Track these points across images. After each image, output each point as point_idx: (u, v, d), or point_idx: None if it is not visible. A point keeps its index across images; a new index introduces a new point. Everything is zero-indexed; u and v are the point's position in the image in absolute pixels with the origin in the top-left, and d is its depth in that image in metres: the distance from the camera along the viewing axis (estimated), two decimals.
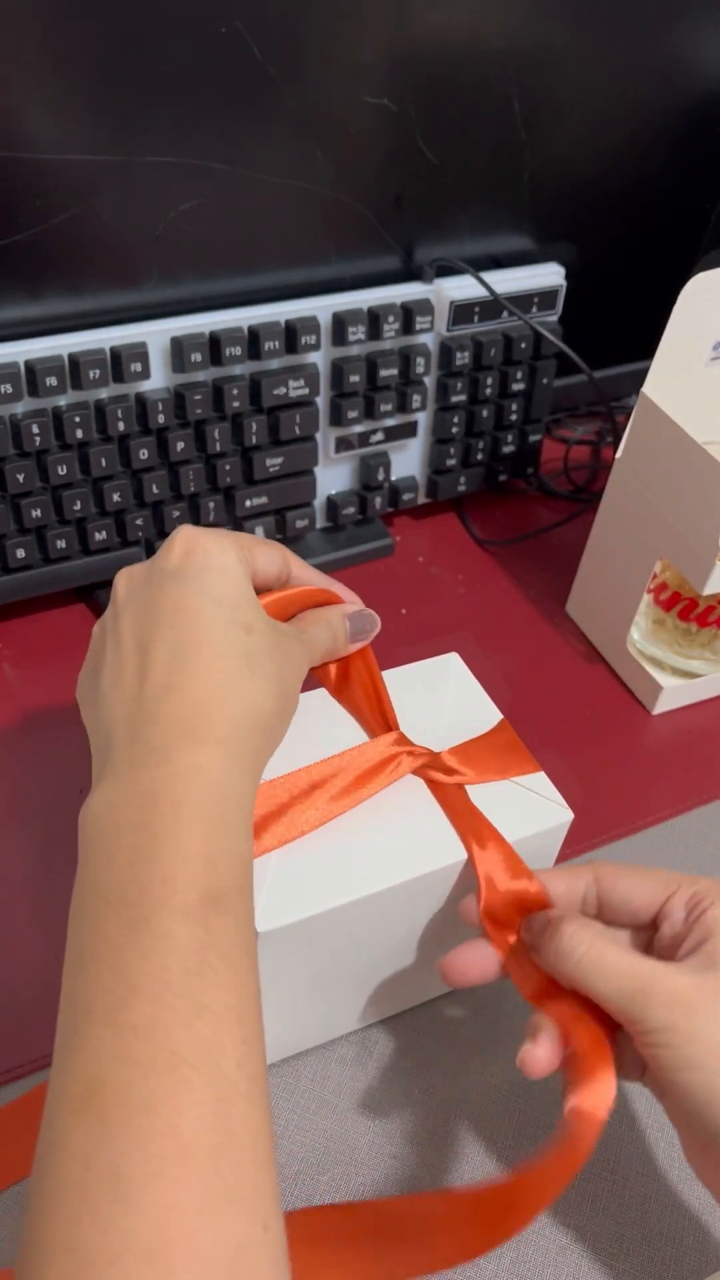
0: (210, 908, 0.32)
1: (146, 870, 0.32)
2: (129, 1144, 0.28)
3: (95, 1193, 0.27)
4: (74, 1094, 0.29)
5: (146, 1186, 0.27)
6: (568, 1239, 0.41)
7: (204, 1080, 0.29)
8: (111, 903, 0.32)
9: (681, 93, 0.66)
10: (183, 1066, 0.29)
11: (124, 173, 0.52)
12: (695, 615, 0.59)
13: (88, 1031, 0.30)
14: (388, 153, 0.59)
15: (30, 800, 0.53)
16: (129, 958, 0.31)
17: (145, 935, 0.31)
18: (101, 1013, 0.30)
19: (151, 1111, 0.28)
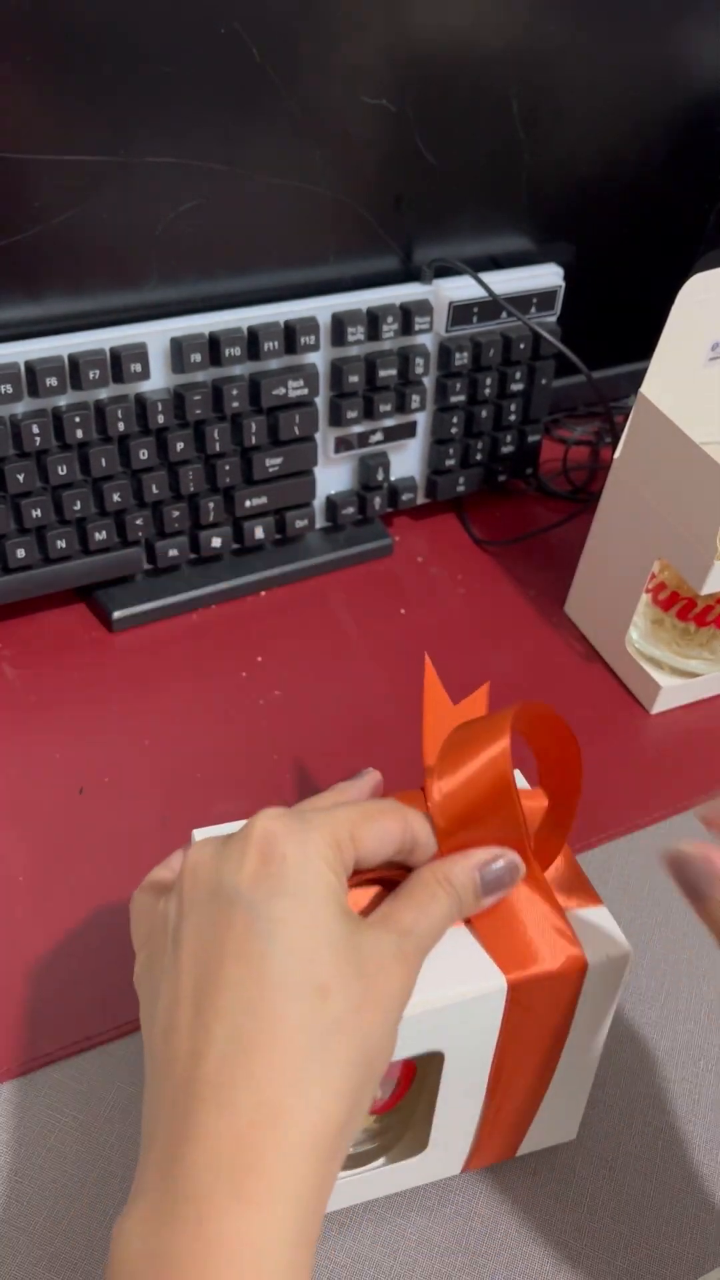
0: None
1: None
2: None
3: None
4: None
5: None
6: (567, 1237, 0.41)
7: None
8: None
9: (681, 93, 0.66)
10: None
11: (123, 173, 0.53)
12: (694, 615, 0.59)
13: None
14: (387, 153, 0.59)
15: (30, 800, 0.53)
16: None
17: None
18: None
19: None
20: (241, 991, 0.30)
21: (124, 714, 0.58)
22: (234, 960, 0.30)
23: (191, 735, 0.57)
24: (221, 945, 0.31)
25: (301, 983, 0.30)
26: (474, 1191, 0.42)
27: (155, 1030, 0.32)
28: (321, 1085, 0.29)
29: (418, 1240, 0.40)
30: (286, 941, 0.30)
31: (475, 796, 0.36)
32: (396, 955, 0.32)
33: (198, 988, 0.31)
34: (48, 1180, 0.41)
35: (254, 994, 0.30)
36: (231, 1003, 0.30)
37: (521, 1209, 0.42)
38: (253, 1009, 0.30)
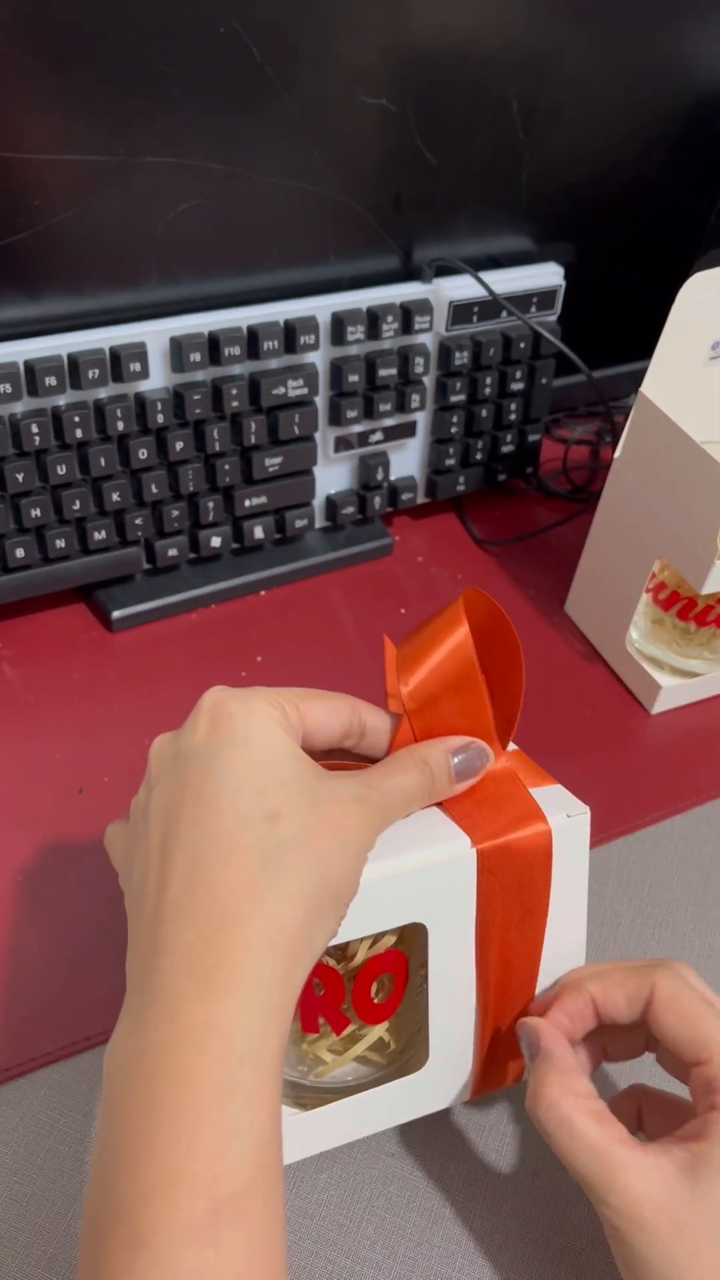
0: (220, 1221, 0.28)
1: (148, 1167, 0.29)
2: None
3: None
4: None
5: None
6: (567, 1238, 0.41)
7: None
8: (113, 1207, 0.29)
9: (681, 93, 0.66)
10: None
11: (123, 173, 0.53)
12: (694, 614, 0.59)
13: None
14: (386, 153, 0.59)
15: (30, 800, 0.53)
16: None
17: (144, 1259, 0.28)
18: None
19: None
20: (198, 828, 0.33)
21: (124, 714, 0.58)
22: (191, 805, 0.33)
23: None
24: (180, 796, 0.34)
25: (252, 810, 0.33)
26: (474, 1192, 0.42)
27: (132, 889, 0.34)
28: (275, 892, 0.32)
29: (418, 1240, 0.40)
30: (236, 780, 0.33)
31: (442, 682, 0.38)
32: (356, 798, 0.35)
33: (164, 837, 0.33)
34: (47, 1181, 0.41)
35: (210, 826, 0.33)
36: (191, 839, 0.33)
37: (521, 1208, 0.41)
38: (209, 837, 0.33)
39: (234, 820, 0.33)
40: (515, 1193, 0.42)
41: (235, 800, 0.33)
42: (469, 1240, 0.41)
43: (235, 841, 0.32)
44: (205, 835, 0.33)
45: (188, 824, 0.33)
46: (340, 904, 0.34)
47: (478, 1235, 0.41)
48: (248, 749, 0.34)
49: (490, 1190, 0.42)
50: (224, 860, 0.32)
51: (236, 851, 0.32)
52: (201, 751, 0.34)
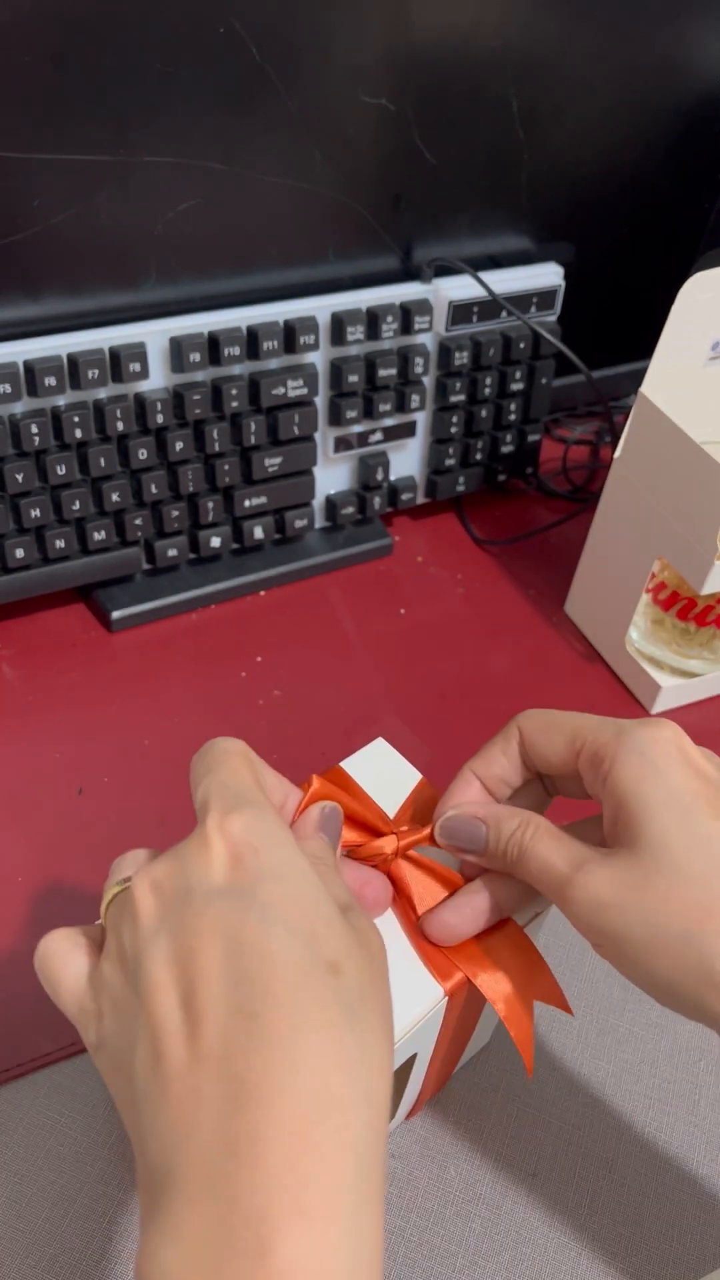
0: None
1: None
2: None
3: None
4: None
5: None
6: (567, 1238, 0.41)
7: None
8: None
9: (680, 93, 0.66)
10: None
11: (122, 173, 0.52)
12: (694, 615, 0.59)
13: None
14: (386, 153, 0.59)
15: (30, 800, 0.53)
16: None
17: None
18: None
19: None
20: (251, 984, 0.26)
21: (123, 714, 0.58)
22: (229, 951, 0.26)
23: (191, 735, 0.57)
24: (208, 943, 0.27)
25: (313, 961, 0.27)
26: (473, 1192, 0.42)
27: (138, 1072, 0.27)
28: (367, 1065, 0.26)
29: (417, 1241, 0.40)
30: (285, 922, 0.27)
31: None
32: (376, 932, 0.32)
33: (192, 996, 0.26)
34: (47, 1182, 0.41)
35: (267, 980, 0.26)
36: (241, 998, 0.26)
37: (521, 1209, 0.41)
38: (268, 995, 0.26)
39: (296, 973, 0.26)
40: (515, 1193, 0.42)
41: (289, 947, 0.27)
42: (469, 1240, 0.41)
43: (307, 999, 0.26)
44: (264, 993, 0.26)
45: (233, 979, 0.26)
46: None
47: (478, 1235, 0.41)
48: (284, 885, 0.28)
49: (490, 1190, 0.42)
50: (295, 1023, 0.26)
51: (313, 1012, 0.26)
52: (230, 890, 0.28)
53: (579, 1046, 0.46)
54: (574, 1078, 0.45)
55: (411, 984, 0.35)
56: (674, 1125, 0.44)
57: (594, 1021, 0.47)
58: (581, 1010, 0.48)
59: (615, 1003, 0.48)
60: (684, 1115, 0.45)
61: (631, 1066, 0.46)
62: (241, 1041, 0.25)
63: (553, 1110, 0.44)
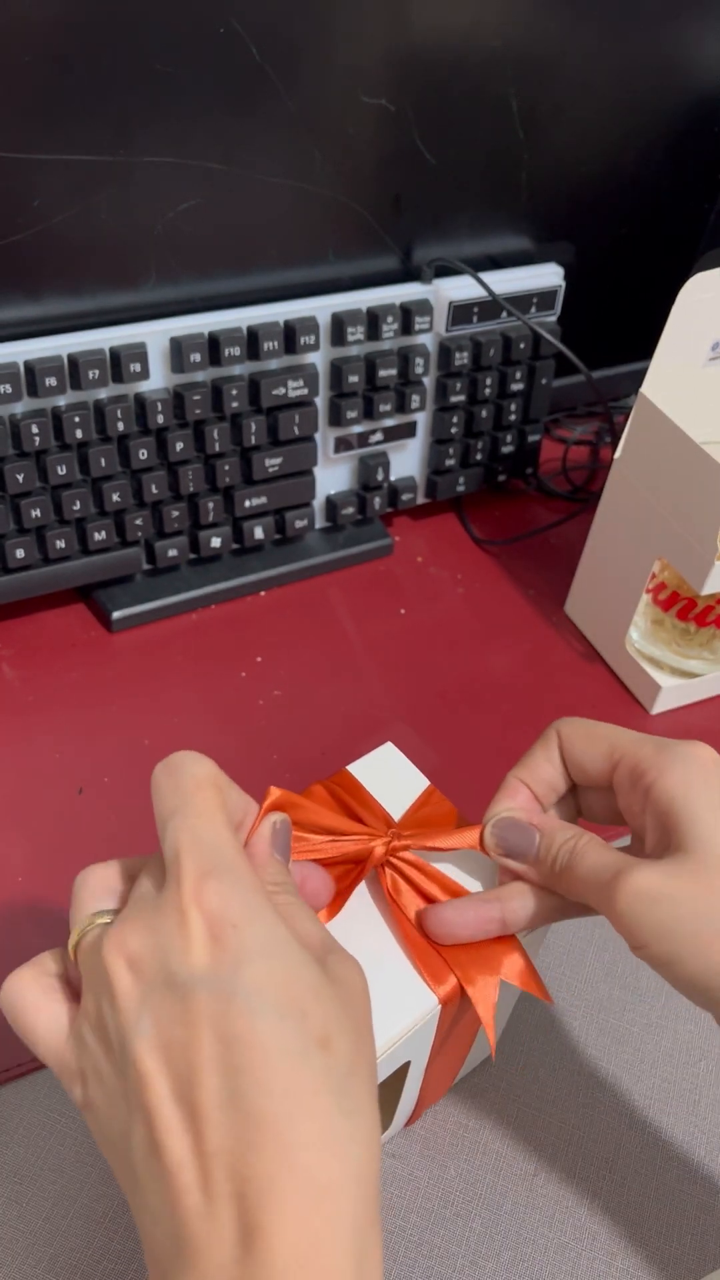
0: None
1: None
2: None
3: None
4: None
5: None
6: (567, 1238, 0.41)
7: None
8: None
9: (680, 93, 0.66)
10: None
11: (122, 173, 0.53)
12: (694, 615, 0.59)
13: None
14: (386, 153, 0.59)
15: (30, 800, 0.53)
16: None
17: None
18: None
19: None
20: (242, 1076, 0.26)
21: (123, 714, 0.58)
22: (221, 1047, 0.26)
23: (191, 735, 0.57)
24: (197, 1037, 0.27)
25: (303, 1042, 0.27)
26: (474, 1193, 0.42)
27: (136, 1154, 0.27)
28: (357, 1143, 0.27)
29: (417, 1241, 0.40)
30: (273, 1006, 0.27)
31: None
32: (353, 966, 0.31)
33: (181, 1087, 0.27)
34: (47, 1182, 0.41)
35: (259, 1072, 0.26)
36: (232, 1091, 0.26)
37: (521, 1209, 0.41)
38: (264, 1087, 0.26)
39: (286, 1060, 0.26)
40: (515, 1193, 0.42)
41: (280, 1032, 0.27)
42: (469, 1240, 0.41)
43: (298, 1087, 0.26)
44: (255, 1085, 0.26)
45: (225, 1073, 0.26)
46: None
47: (478, 1235, 0.41)
48: (267, 963, 0.28)
49: (490, 1190, 0.42)
50: (294, 1115, 0.26)
51: (304, 1100, 0.26)
52: (212, 978, 0.27)
53: (579, 1046, 0.46)
54: (574, 1078, 0.45)
55: (405, 991, 0.35)
56: (674, 1125, 0.44)
57: (594, 1021, 0.47)
58: (581, 1010, 0.48)
59: (615, 1003, 0.48)
60: (684, 1115, 0.45)
61: (631, 1066, 0.46)
62: (241, 1138, 0.26)
63: (553, 1110, 0.44)
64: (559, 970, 0.49)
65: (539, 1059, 0.46)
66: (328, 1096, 0.27)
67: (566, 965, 0.49)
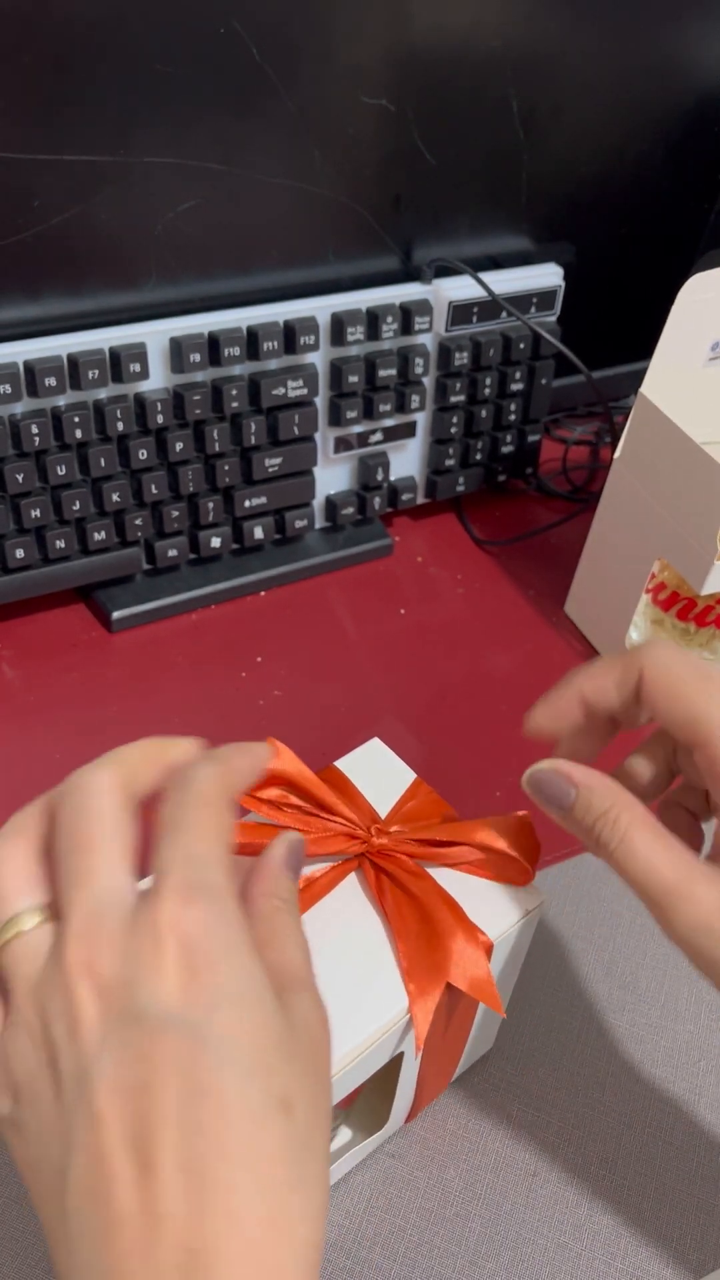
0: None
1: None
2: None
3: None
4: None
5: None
6: (567, 1237, 0.41)
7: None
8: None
9: (680, 93, 0.66)
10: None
11: (123, 173, 0.53)
12: (694, 615, 0.59)
13: None
14: (386, 153, 0.59)
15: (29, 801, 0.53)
16: None
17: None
18: None
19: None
20: (201, 1133, 0.24)
21: (123, 714, 0.58)
22: (183, 1095, 0.25)
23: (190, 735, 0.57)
24: (162, 1081, 0.25)
25: (266, 1103, 0.25)
26: (474, 1193, 0.42)
27: (72, 1193, 0.25)
28: (307, 1221, 0.25)
29: (418, 1242, 0.40)
30: (242, 1060, 0.26)
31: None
32: (318, 1010, 0.29)
33: (137, 1136, 0.25)
34: None
35: (220, 1134, 0.25)
36: (192, 1147, 0.24)
37: (521, 1209, 0.41)
38: (223, 1152, 0.24)
39: (247, 1124, 0.25)
40: (515, 1193, 0.42)
41: (245, 1092, 0.25)
42: (469, 1240, 0.41)
43: (257, 1156, 0.25)
44: (214, 1148, 0.25)
45: (185, 1129, 0.25)
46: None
47: (478, 1235, 0.41)
48: (243, 1009, 0.26)
49: (490, 1190, 0.42)
50: (248, 1190, 0.25)
51: (260, 1169, 0.25)
52: (183, 1017, 0.26)
53: (579, 1046, 0.46)
54: (574, 1078, 0.45)
55: (393, 983, 0.35)
56: (674, 1125, 0.44)
57: (594, 1021, 0.47)
58: (581, 1010, 0.48)
59: (615, 1003, 0.48)
60: (684, 1115, 0.45)
61: (631, 1066, 0.46)
62: (193, 1205, 0.24)
63: (553, 1110, 0.44)
64: (559, 970, 0.49)
65: (539, 1059, 0.46)
66: (282, 1167, 0.25)
67: (565, 965, 0.49)
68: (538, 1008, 0.47)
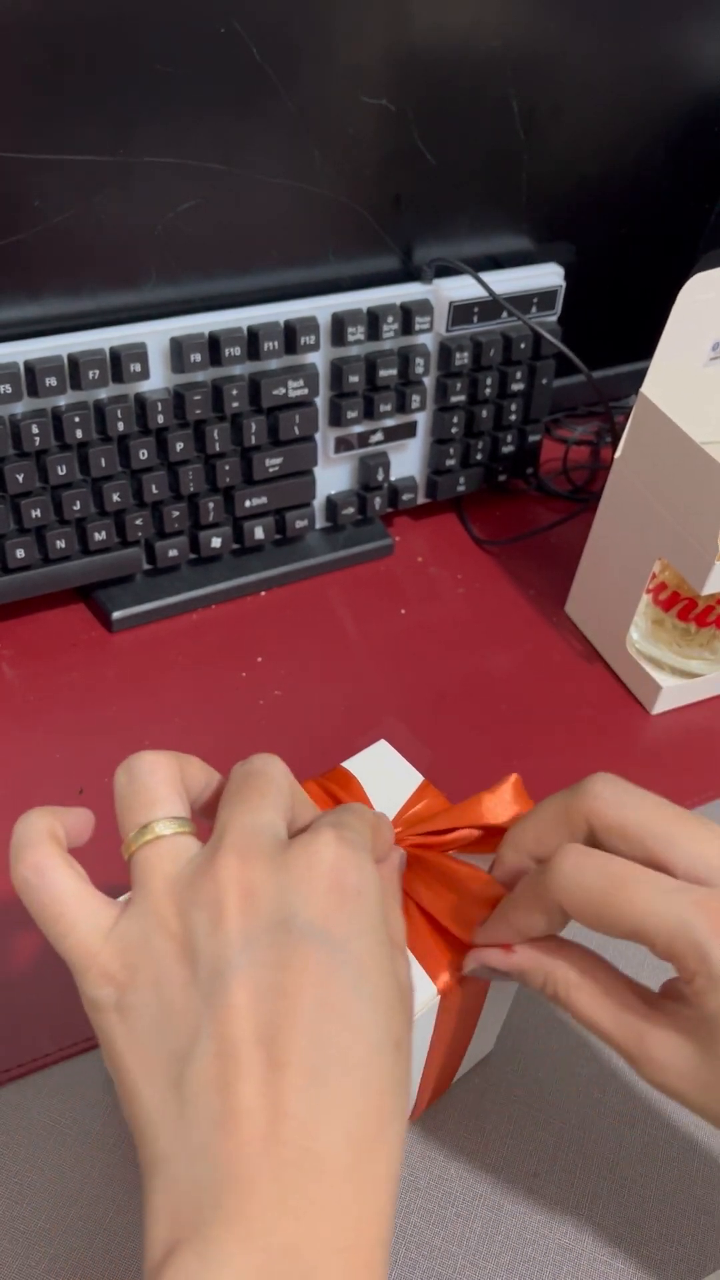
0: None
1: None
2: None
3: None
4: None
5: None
6: (568, 1239, 0.41)
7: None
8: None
9: (681, 93, 0.66)
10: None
11: (123, 173, 0.53)
12: (694, 615, 0.59)
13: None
14: (386, 153, 0.59)
15: (30, 800, 0.53)
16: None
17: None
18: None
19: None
20: (331, 1044, 0.26)
21: (124, 714, 0.58)
22: (318, 1006, 0.26)
23: (191, 735, 0.57)
24: (299, 987, 0.26)
25: (386, 1036, 0.27)
26: (474, 1193, 0.42)
27: (193, 1079, 0.26)
28: (396, 1152, 0.27)
29: (418, 1241, 0.40)
30: (372, 989, 0.28)
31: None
32: (408, 973, 0.31)
33: (269, 1034, 0.26)
34: (47, 1182, 0.41)
35: (345, 1047, 0.26)
36: (321, 1056, 0.26)
37: (522, 1210, 0.41)
38: (345, 1069, 0.26)
39: (371, 1051, 0.27)
40: (516, 1193, 0.42)
41: (373, 1020, 0.27)
42: (469, 1240, 0.41)
43: (375, 1080, 0.27)
44: (341, 1066, 0.26)
45: (315, 1038, 0.26)
46: None
47: (478, 1236, 0.41)
48: (377, 945, 0.28)
49: (491, 1191, 0.42)
50: (362, 1104, 0.26)
51: (376, 1094, 0.27)
52: (328, 934, 0.27)
53: (579, 1046, 0.46)
54: (574, 1078, 0.45)
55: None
56: (674, 1126, 0.44)
57: None
58: None
59: None
60: (685, 1116, 0.45)
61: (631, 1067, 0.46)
62: (316, 1111, 0.26)
63: (553, 1110, 0.44)
64: None
65: (539, 1059, 0.46)
66: (389, 1098, 0.27)
67: None
68: (538, 1009, 0.47)
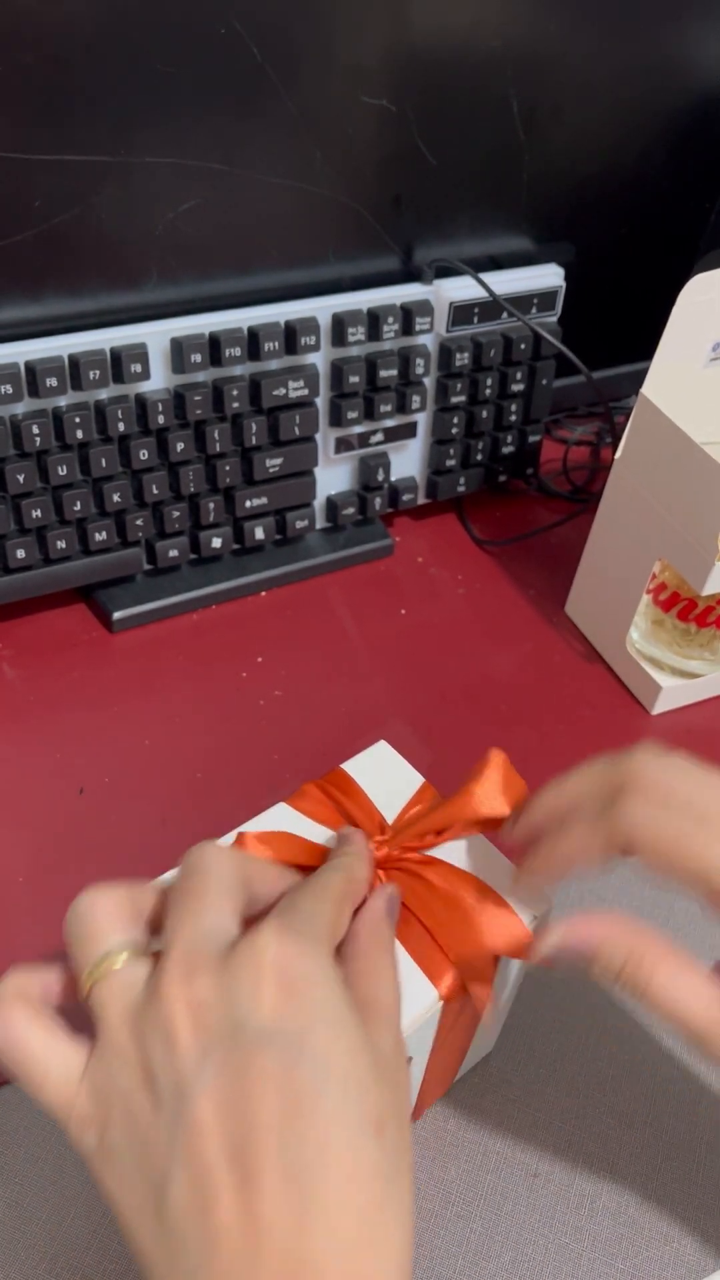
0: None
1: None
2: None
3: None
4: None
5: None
6: (567, 1238, 0.41)
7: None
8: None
9: (681, 93, 0.66)
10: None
11: (123, 173, 0.53)
12: (694, 615, 0.59)
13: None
14: (387, 153, 0.59)
15: (30, 800, 0.53)
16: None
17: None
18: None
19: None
20: (303, 1145, 0.25)
21: (124, 714, 0.58)
22: (282, 1108, 0.26)
23: (191, 735, 0.57)
24: (261, 1094, 0.26)
25: (362, 1122, 0.26)
26: (474, 1193, 0.42)
27: (172, 1206, 0.26)
28: (398, 1236, 0.26)
29: (418, 1242, 0.40)
30: (339, 1076, 0.27)
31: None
32: (399, 1044, 0.30)
33: (238, 1146, 0.25)
34: (47, 1182, 0.41)
35: (318, 1148, 0.25)
36: (294, 1158, 0.25)
37: (522, 1210, 0.41)
38: (322, 1167, 0.25)
39: (347, 1142, 0.26)
40: (516, 1193, 0.42)
41: (343, 1108, 0.26)
42: (469, 1240, 0.41)
43: (354, 1173, 0.26)
44: (318, 1163, 0.25)
45: (285, 1140, 0.25)
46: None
47: (478, 1236, 0.41)
48: (338, 1030, 0.27)
49: (491, 1191, 0.42)
50: (344, 1205, 0.25)
51: (358, 1188, 0.26)
52: (280, 1033, 0.27)
53: (579, 1046, 0.46)
54: (574, 1078, 0.45)
55: (407, 988, 0.35)
56: (674, 1125, 0.44)
57: (594, 1021, 0.47)
58: (581, 1010, 0.48)
59: (615, 1003, 0.48)
60: (684, 1115, 0.45)
61: (631, 1066, 0.46)
62: (295, 1217, 0.25)
63: (553, 1110, 0.44)
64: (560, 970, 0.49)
65: (539, 1059, 0.46)
66: (378, 1183, 0.26)
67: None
68: (538, 1009, 0.47)
